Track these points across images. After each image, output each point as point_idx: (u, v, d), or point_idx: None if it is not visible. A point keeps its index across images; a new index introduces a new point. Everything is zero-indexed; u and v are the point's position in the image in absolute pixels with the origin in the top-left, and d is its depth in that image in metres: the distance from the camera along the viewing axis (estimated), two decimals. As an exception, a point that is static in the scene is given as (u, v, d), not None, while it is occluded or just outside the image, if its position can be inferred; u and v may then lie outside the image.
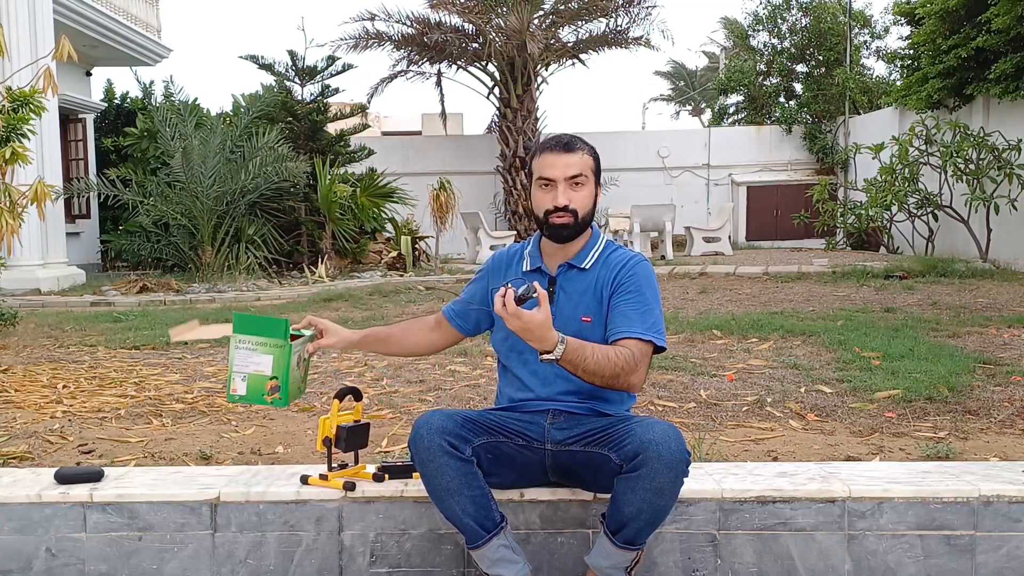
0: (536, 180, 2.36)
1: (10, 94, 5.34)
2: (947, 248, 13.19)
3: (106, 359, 5.46)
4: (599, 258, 2.39)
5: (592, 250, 2.40)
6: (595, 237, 2.42)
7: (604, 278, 2.36)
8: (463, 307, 2.56)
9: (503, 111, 18.01)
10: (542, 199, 2.34)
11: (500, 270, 2.51)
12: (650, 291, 2.33)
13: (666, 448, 2.07)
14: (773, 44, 21.98)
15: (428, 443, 2.16)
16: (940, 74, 13.19)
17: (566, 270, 2.39)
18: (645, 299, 2.31)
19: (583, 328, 2.31)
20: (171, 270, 12.20)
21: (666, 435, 2.09)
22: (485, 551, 2.21)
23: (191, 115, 12.79)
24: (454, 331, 2.58)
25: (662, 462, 2.07)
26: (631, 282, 2.33)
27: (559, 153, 2.32)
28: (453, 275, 11.74)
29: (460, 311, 2.57)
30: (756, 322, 6.30)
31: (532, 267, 2.43)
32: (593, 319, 2.32)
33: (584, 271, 2.38)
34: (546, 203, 2.33)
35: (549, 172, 2.32)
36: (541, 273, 2.41)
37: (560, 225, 2.32)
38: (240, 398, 2.41)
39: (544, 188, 2.33)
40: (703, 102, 36.11)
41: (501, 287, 2.08)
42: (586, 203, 2.34)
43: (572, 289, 2.37)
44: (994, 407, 3.73)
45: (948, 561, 2.39)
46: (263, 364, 2.38)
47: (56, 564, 2.43)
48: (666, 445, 2.07)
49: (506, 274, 2.48)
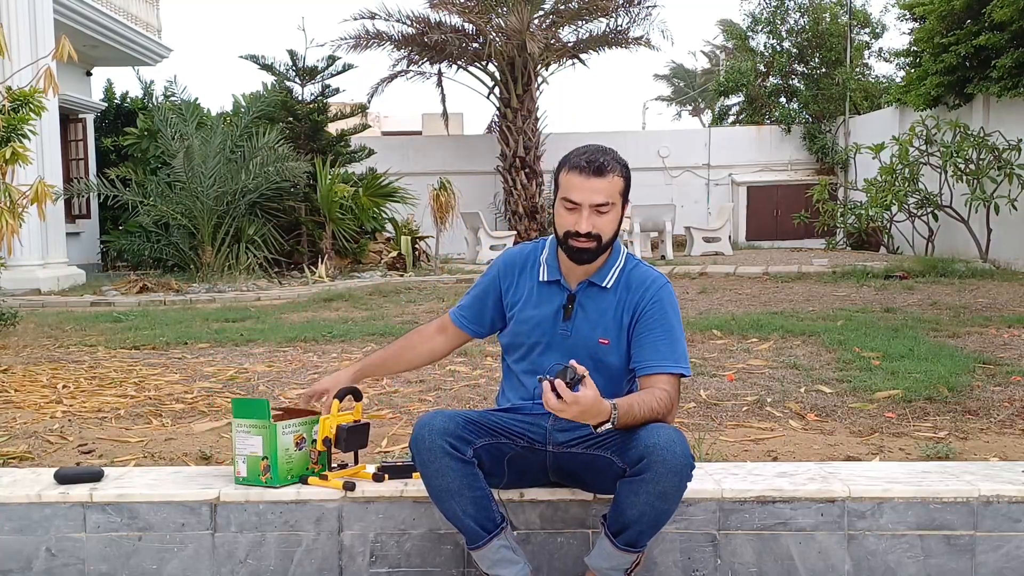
0: (560, 197, 2.27)
1: (10, 94, 5.35)
2: (947, 248, 13.18)
3: (106, 359, 5.46)
4: (620, 276, 2.33)
5: (613, 268, 2.33)
6: (616, 253, 2.36)
7: (626, 301, 2.30)
8: (475, 309, 2.48)
9: (503, 111, 18.01)
10: (565, 219, 2.25)
11: (513, 271, 2.42)
12: (675, 317, 2.31)
13: (671, 452, 2.07)
14: (772, 45, 21.98)
15: (429, 444, 2.15)
16: (940, 71, 13.19)
17: (586, 287, 2.33)
18: (672, 329, 2.28)
19: (599, 350, 2.29)
20: (171, 270, 12.19)
21: (671, 440, 2.09)
22: (485, 551, 2.21)
23: (192, 115, 12.78)
24: (462, 334, 2.51)
25: (667, 466, 2.07)
26: (657, 310, 2.28)
27: (588, 177, 2.21)
28: (453, 275, 11.74)
29: (471, 314, 2.48)
30: (756, 322, 6.30)
31: (550, 278, 2.36)
32: (611, 342, 2.29)
33: (605, 290, 2.32)
34: (568, 224, 2.24)
35: (576, 196, 2.22)
36: (560, 287, 2.34)
37: (581, 250, 2.25)
38: (243, 480, 2.49)
39: (568, 208, 2.24)
40: (703, 103, 36.12)
41: (543, 383, 1.97)
42: (610, 228, 2.26)
43: (591, 308, 2.32)
44: (994, 407, 3.73)
45: (948, 561, 2.39)
46: (256, 445, 2.45)
47: (56, 564, 2.43)
48: (671, 450, 2.07)
49: (520, 277, 2.41)
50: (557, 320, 2.32)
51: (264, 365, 5.09)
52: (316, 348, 5.73)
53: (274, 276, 11.80)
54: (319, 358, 5.31)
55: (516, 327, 2.39)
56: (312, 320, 7.34)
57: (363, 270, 12.61)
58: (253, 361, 5.25)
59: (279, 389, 4.36)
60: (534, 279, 2.38)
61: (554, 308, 2.33)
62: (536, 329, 2.35)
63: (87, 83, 14.91)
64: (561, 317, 2.32)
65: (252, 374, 4.82)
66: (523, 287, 2.39)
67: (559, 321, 2.32)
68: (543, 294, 2.36)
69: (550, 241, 2.41)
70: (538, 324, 2.35)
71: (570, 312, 2.31)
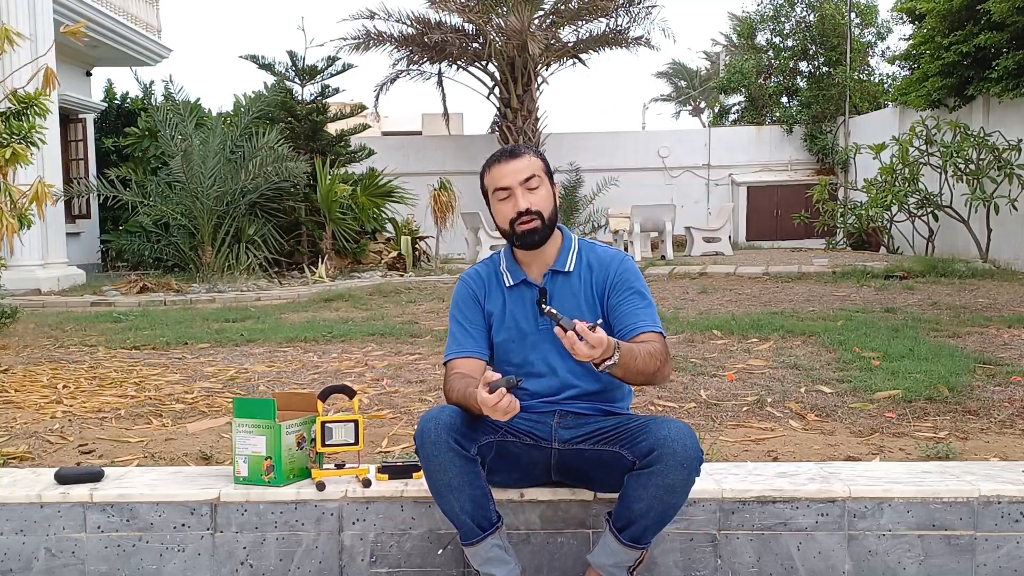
0: (492, 195, 2.37)
1: (16, 98, 5.35)
2: (947, 248, 13.18)
3: (106, 359, 5.46)
4: (579, 260, 2.40)
5: (569, 252, 2.41)
6: (568, 239, 2.43)
7: (593, 281, 2.37)
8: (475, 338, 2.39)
9: (503, 111, 18.01)
10: (504, 209, 2.34)
11: (482, 284, 2.44)
12: (644, 287, 2.38)
13: (681, 445, 2.09)
14: (775, 43, 21.98)
15: (435, 439, 2.16)
16: (941, 72, 13.19)
17: (552, 276, 2.39)
18: (645, 296, 2.35)
19: None
20: (171, 270, 12.20)
21: (681, 432, 2.12)
22: (478, 549, 2.22)
23: (191, 115, 12.79)
24: (482, 363, 2.39)
25: (676, 459, 2.09)
26: (627, 281, 2.35)
27: (506, 161, 2.34)
28: (453, 275, 11.74)
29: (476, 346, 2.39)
30: (756, 322, 6.30)
31: (515, 280, 2.41)
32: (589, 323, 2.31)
33: (568, 275, 2.39)
34: (509, 212, 2.33)
35: (503, 181, 2.33)
36: (528, 285, 2.39)
37: (529, 230, 2.32)
38: (244, 479, 2.50)
39: (503, 199, 2.34)
40: (703, 102, 36.11)
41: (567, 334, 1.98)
42: (547, 203, 2.34)
43: (562, 295, 2.37)
44: (994, 407, 3.72)
45: (948, 561, 2.39)
46: (259, 445, 2.47)
47: (56, 564, 2.43)
48: (681, 442, 2.10)
49: (489, 288, 2.42)
50: (536, 317, 2.36)
51: (264, 365, 5.09)
52: (316, 348, 5.73)
53: (274, 276, 11.80)
54: (319, 358, 5.31)
55: (499, 335, 2.41)
56: (312, 320, 7.33)
57: (363, 270, 12.61)
58: (253, 361, 5.25)
59: (279, 389, 4.35)
60: (502, 287, 2.42)
61: (530, 306, 2.37)
62: (518, 331, 2.39)
63: (87, 83, 14.91)
64: (537, 313, 2.34)
65: (252, 374, 4.82)
66: (496, 298, 2.43)
67: (538, 317, 2.36)
68: (514, 298, 2.41)
69: (504, 253, 2.47)
70: (519, 326, 2.39)
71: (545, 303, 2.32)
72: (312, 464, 2.54)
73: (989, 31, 11.93)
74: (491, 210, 2.40)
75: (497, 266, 2.46)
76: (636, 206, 15.18)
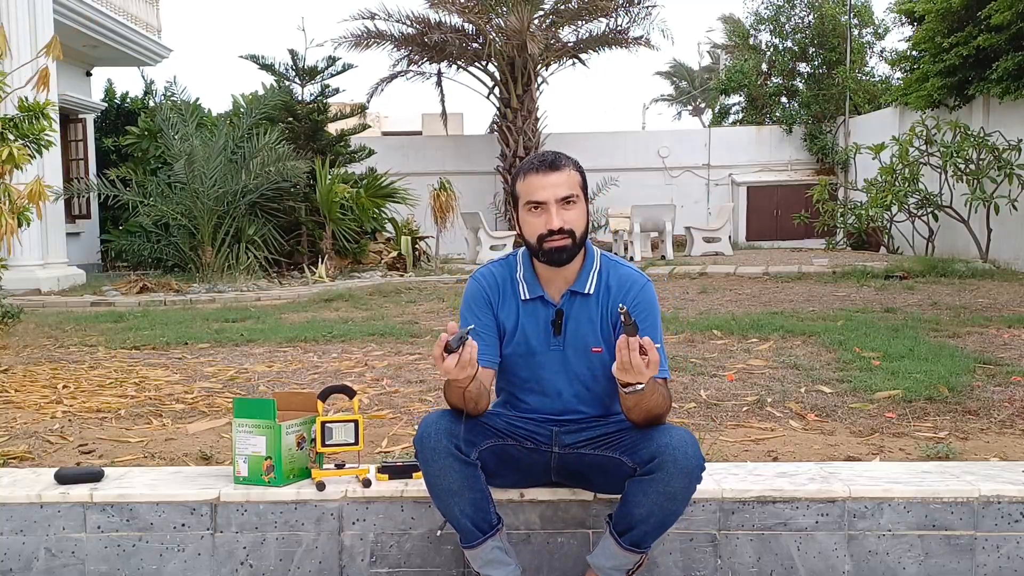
0: (524, 204, 2.23)
1: (22, 105, 5.37)
2: (947, 248, 13.18)
3: (106, 359, 5.46)
4: (599, 280, 2.29)
5: (591, 272, 2.29)
6: (590, 257, 2.30)
7: (611, 303, 2.27)
8: (486, 342, 2.26)
9: (503, 111, 18.01)
10: (534, 223, 2.21)
11: (496, 293, 2.32)
12: (659, 322, 2.30)
13: (683, 453, 2.08)
14: (775, 43, 21.98)
15: (435, 443, 2.14)
16: (941, 73, 13.19)
17: (570, 298, 2.28)
18: (658, 334, 2.23)
19: (594, 360, 2.27)
20: (171, 270, 12.20)
21: (683, 440, 2.10)
22: (479, 551, 2.22)
23: (192, 115, 12.79)
24: (490, 372, 2.30)
25: (678, 467, 2.08)
26: (644, 314, 2.24)
27: (545, 173, 2.19)
28: (453, 275, 11.74)
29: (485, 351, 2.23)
30: (756, 322, 6.30)
31: (532, 295, 2.29)
32: (604, 349, 2.27)
33: (588, 296, 2.28)
34: (539, 227, 2.19)
35: (539, 195, 2.19)
36: (544, 303, 2.29)
37: (558, 248, 2.19)
38: (243, 479, 2.50)
39: (534, 212, 2.21)
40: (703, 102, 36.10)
41: (631, 340, 1.93)
42: (580, 221, 2.22)
43: (580, 318, 2.28)
44: (994, 407, 3.72)
45: (948, 561, 2.39)
46: (259, 445, 2.47)
47: (56, 564, 2.43)
48: (683, 450, 2.08)
49: (503, 295, 2.31)
50: (548, 336, 2.28)
51: (264, 365, 5.09)
52: (316, 348, 5.73)
53: (274, 276, 11.79)
54: (319, 358, 5.31)
55: (506, 348, 2.32)
56: (312, 320, 7.33)
57: (363, 270, 12.61)
58: (253, 361, 5.25)
59: (279, 389, 4.35)
60: (517, 299, 2.31)
61: (543, 325, 2.29)
62: (527, 348, 2.30)
63: (87, 83, 14.91)
64: (552, 333, 2.28)
65: (252, 374, 4.82)
66: (509, 309, 2.31)
67: (550, 337, 2.28)
68: (528, 313, 2.30)
69: (522, 258, 2.33)
70: (528, 343, 2.29)
71: (560, 327, 2.28)
72: (312, 464, 2.54)
73: (988, 33, 11.94)
74: (517, 217, 2.27)
75: (513, 271, 2.33)
76: (636, 206, 15.18)
